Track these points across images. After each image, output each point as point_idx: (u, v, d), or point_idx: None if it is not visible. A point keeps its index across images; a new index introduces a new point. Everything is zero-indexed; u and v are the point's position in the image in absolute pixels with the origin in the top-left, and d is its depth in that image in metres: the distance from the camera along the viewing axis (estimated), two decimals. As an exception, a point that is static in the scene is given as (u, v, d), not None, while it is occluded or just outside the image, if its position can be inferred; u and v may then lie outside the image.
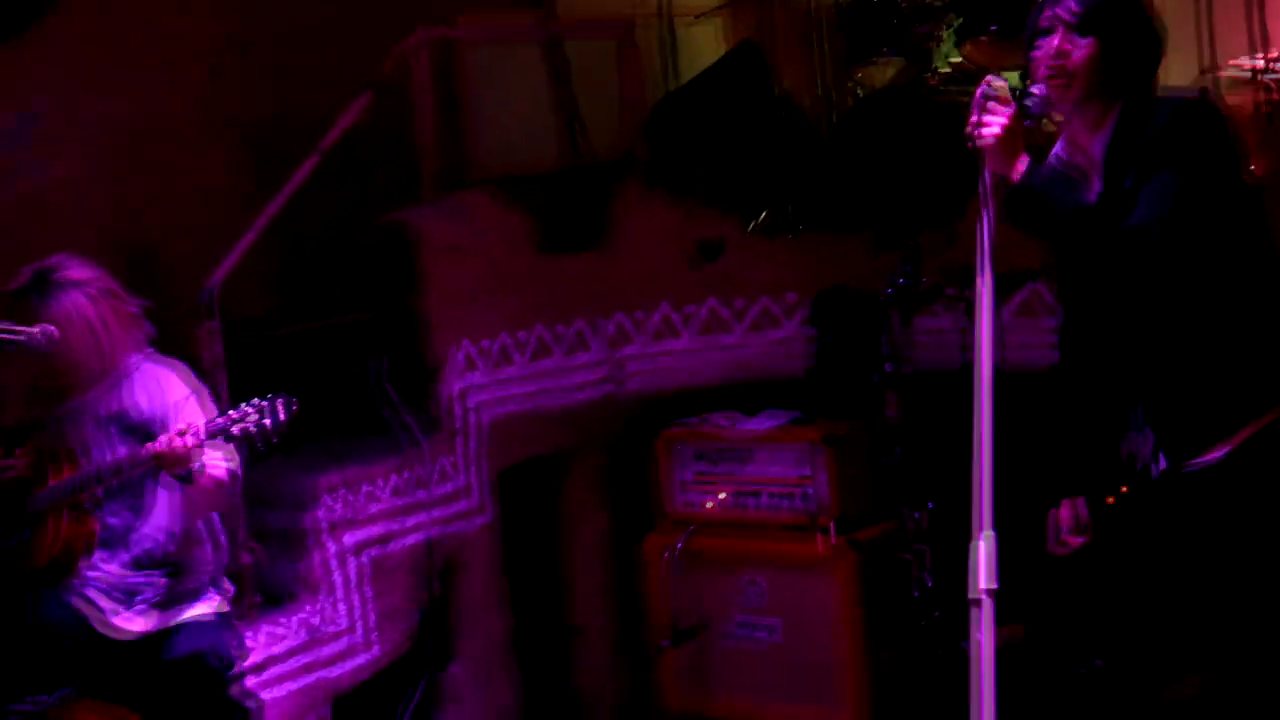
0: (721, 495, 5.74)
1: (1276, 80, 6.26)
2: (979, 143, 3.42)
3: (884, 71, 6.51)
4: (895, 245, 5.64)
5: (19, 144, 5.64)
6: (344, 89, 5.78)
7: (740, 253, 6.08)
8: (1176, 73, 6.72)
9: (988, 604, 3.24)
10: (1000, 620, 5.09)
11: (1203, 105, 3.65)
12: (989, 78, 3.51)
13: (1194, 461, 3.56)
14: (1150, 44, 3.66)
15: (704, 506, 5.79)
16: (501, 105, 7.03)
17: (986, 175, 3.40)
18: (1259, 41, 6.03)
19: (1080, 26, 3.51)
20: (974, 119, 3.44)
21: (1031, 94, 3.51)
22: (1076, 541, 3.73)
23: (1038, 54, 3.55)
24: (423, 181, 5.97)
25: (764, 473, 5.67)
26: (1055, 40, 3.51)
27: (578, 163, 7.05)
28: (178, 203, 6.11)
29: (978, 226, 3.32)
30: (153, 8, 6.13)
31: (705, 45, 7.30)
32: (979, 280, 3.35)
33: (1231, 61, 6.33)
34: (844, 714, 5.50)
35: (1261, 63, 6.07)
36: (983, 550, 3.25)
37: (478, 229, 5.79)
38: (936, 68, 6.49)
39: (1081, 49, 3.51)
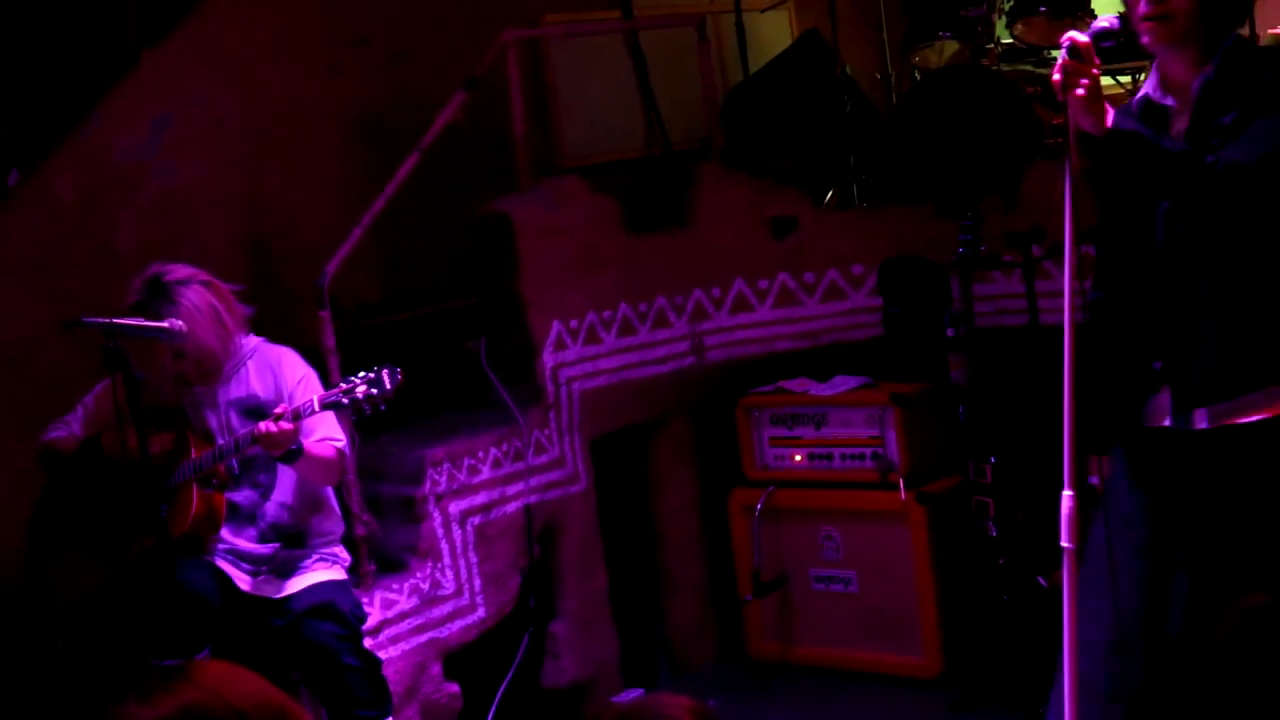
0: (797, 457, 5.86)
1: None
2: (1070, 100, 3.37)
3: (940, 54, 6.54)
4: (956, 214, 5.71)
5: (151, 150, 5.77)
6: (452, 78, 5.87)
7: (810, 229, 6.13)
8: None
9: (1067, 558, 3.35)
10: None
11: None
12: (1071, 34, 3.42)
13: (1231, 418, 3.49)
14: None
15: (782, 467, 5.91)
16: (587, 97, 7.16)
17: (1071, 131, 3.38)
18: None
19: None
20: (1058, 78, 3.39)
21: (1104, 28, 3.48)
22: None
23: None
24: (518, 172, 6.03)
25: (837, 434, 5.77)
26: None
27: (659, 148, 7.20)
28: (299, 195, 6.22)
29: (1059, 179, 3.36)
30: (277, 7, 6.25)
31: (774, 34, 7.36)
32: (1066, 232, 3.36)
33: (1271, 30, 6.37)
34: (921, 657, 5.61)
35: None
36: (1063, 508, 3.36)
37: (568, 214, 5.84)
38: (992, 46, 6.55)
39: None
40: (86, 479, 4.67)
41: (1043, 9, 6.28)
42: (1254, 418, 3.50)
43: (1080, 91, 3.39)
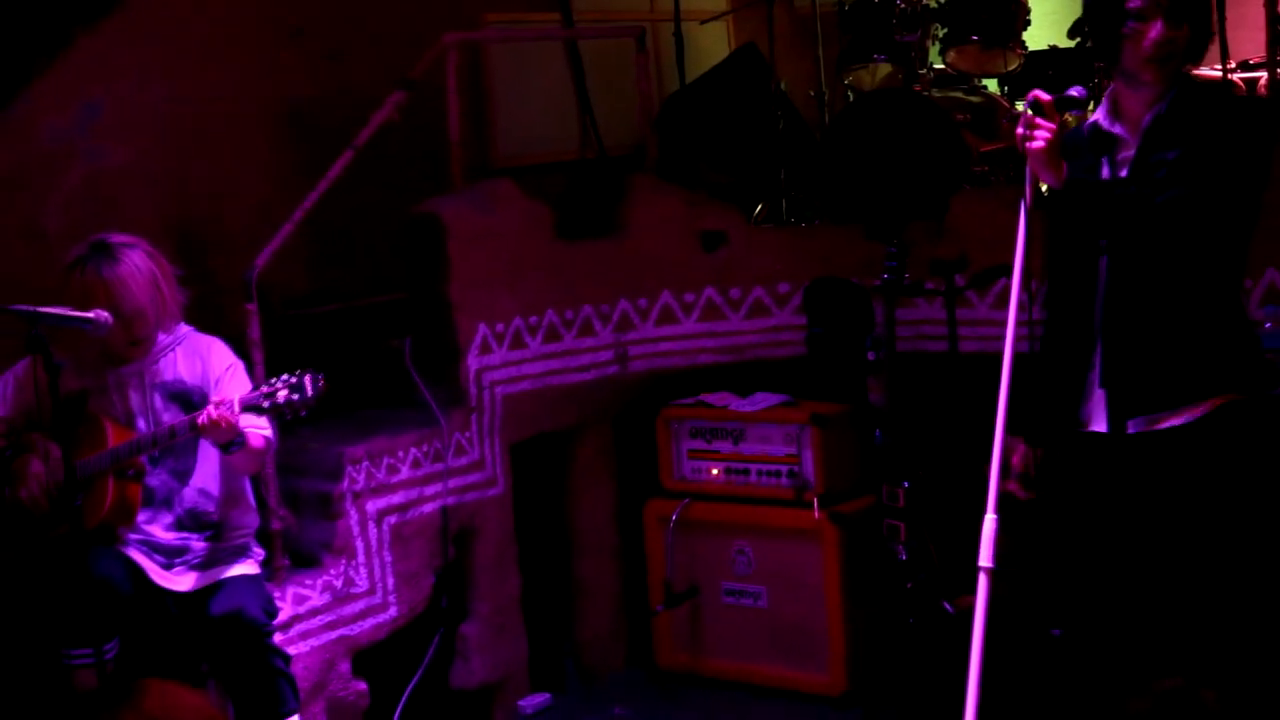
0: (714, 470, 5.87)
1: (1242, 83, 6.42)
2: (1028, 151, 3.65)
3: (874, 75, 6.59)
4: (883, 238, 5.74)
5: (81, 132, 5.70)
6: (386, 75, 5.88)
7: (740, 245, 6.14)
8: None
9: (983, 579, 3.44)
10: (965, 593, 5.28)
11: (1270, 105, 3.84)
12: (1035, 92, 3.71)
13: (1158, 424, 3.74)
14: (1211, 28, 3.88)
15: (699, 479, 5.91)
16: (523, 99, 7.17)
17: (1027, 179, 3.65)
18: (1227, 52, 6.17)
19: (1175, 14, 3.66)
20: (1021, 131, 3.67)
21: (1072, 95, 3.72)
22: (1023, 495, 3.92)
23: (1130, 34, 3.67)
24: (451, 172, 6.01)
25: (755, 450, 5.78)
26: (1159, 28, 3.65)
27: (593, 153, 7.20)
28: (229, 185, 6.18)
29: (1017, 222, 3.60)
30: (210, -1, 6.19)
31: (713, 46, 7.41)
32: (1014, 271, 3.59)
33: (1194, 70, 6.45)
34: (827, 674, 5.63)
35: (1220, 72, 6.22)
36: (986, 530, 3.46)
37: (500, 217, 5.82)
38: (925, 72, 6.60)
39: (1180, 34, 3.68)
40: (2, 469, 4.60)
41: (975, 38, 6.36)
42: (1174, 423, 3.75)
43: (1039, 145, 3.67)
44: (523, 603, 5.84)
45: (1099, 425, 3.84)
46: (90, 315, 4.37)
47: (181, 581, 4.57)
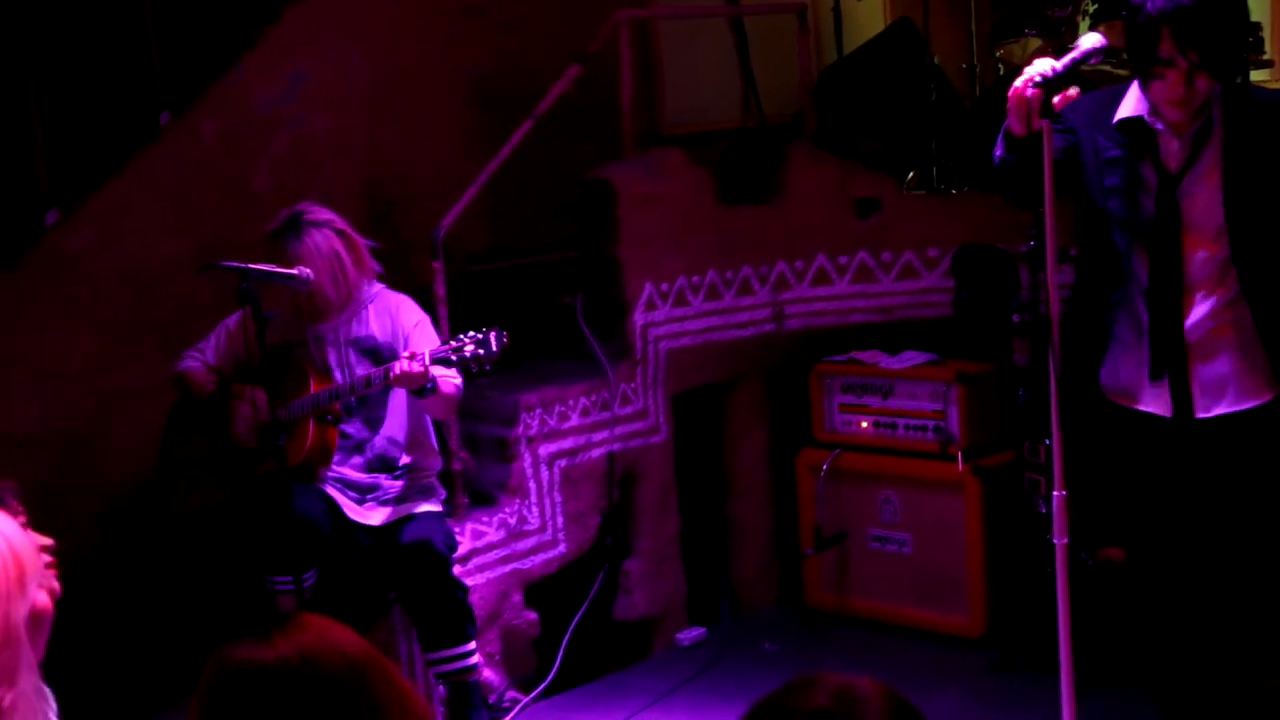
0: (864, 424, 5.91)
1: None
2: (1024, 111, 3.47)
3: (1024, 49, 6.52)
4: (1030, 206, 5.72)
5: (289, 99, 5.88)
6: (559, 47, 6.00)
7: (892, 211, 6.14)
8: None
9: (1059, 551, 3.44)
10: (1107, 543, 5.30)
11: None
12: (1047, 69, 3.47)
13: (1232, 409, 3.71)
14: (1246, 57, 3.79)
15: (849, 432, 5.94)
16: (690, 71, 7.23)
17: (1046, 146, 3.43)
18: None
19: (1197, 69, 3.51)
20: (1030, 94, 3.47)
21: (1092, 49, 3.57)
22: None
23: (1158, 74, 3.55)
24: (623, 140, 6.07)
25: (903, 405, 5.79)
26: (1179, 84, 3.53)
27: (754, 121, 7.24)
28: (416, 149, 6.31)
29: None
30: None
31: (869, 21, 7.38)
32: (1047, 237, 3.52)
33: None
34: (967, 618, 5.66)
35: None
36: (1055, 507, 3.46)
37: (667, 183, 5.88)
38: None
39: (1201, 86, 3.54)
40: (215, 410, 4.83)
41: (1124, 13, 6.24)
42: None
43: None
44: (681, 542, 5.93)
45: (1154, 407, 3.79)
46: (294, 272, 4.56)
47: (374, 516, 4.74)
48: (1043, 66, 3.50)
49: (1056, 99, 3.48)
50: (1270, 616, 3.86)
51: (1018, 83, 3.52)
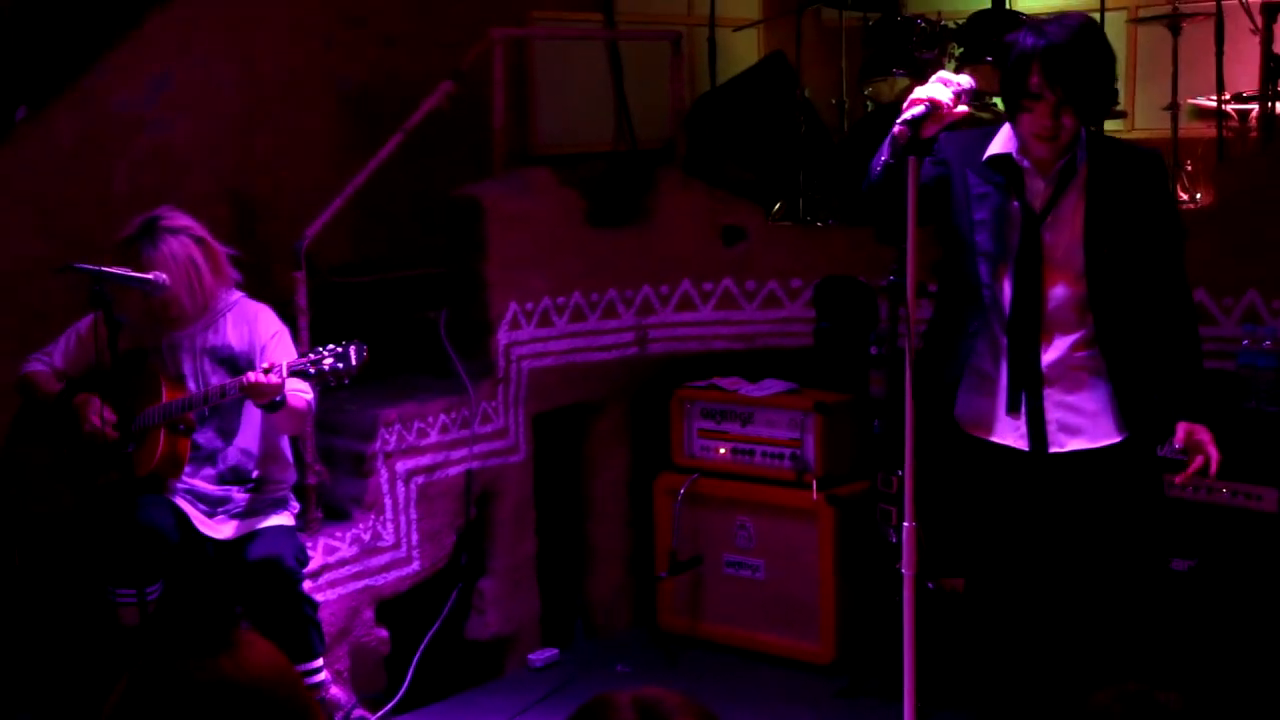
0: (722, 450, 5.91)
1: (1235, 114, 6.43)
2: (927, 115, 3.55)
3: (892, 87, 6.60)
4: (892, 241, 5.75)
5: (151, 102, 5.74)
6: (436, 63, 5.91)
7: (758, 240, 6.15)
8: (1149, 99, 6.91)
9: (907, 581, 3.46)
10: (949, 574, 5.33)
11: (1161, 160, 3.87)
12: (965, 84, 3.59)
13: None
14: (1110, 100, 3.88)
15: (707, 457, 5.93)
16: (564, 94, 7.19)
17: (911, 180, 3.48)
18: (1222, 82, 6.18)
19: (1064, 103, 3.60)
20: (946, 102, 3.56)
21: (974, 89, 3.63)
22: None
23: (1024, 111, 3.63)
24: (493, 158, 6.03)
25: (761, 432, 5.79)
26: (1046, 116, 3.60)
27: (625, 145, 7.22)
28: (284, 159, 6.20)
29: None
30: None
31: (743, 52, 7.42)
32: (908, 266, 3.50)
33: (1191, 99, 6.48)
34: (817, 644, 5.67)
35: (1214, 102, 6.22)
36: (904, 537, 3.47)
37: (536, 203, 5.84)
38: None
39: (1068, 120, 3.63)
40: (60, 417, 4.67)
41: (989, 59, 6.36)
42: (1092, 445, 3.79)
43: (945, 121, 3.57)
44: (537, 563, 5.88)
45: (1008, 439, 3.84)
46: (149, 277, 4.43)
47: (222, 529, 4.63)
48: (963, 80, 3.62)
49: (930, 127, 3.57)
50: (1098, 644, 3.92)
51: (923, 92, 3.60)
